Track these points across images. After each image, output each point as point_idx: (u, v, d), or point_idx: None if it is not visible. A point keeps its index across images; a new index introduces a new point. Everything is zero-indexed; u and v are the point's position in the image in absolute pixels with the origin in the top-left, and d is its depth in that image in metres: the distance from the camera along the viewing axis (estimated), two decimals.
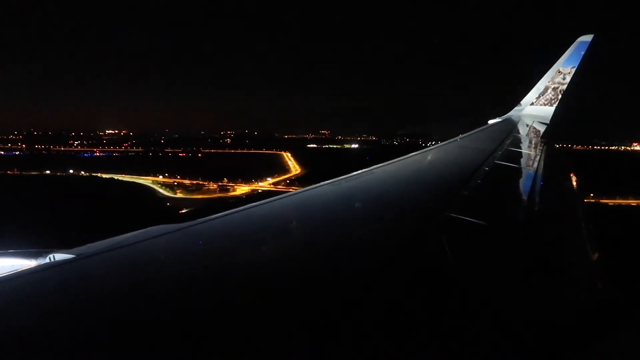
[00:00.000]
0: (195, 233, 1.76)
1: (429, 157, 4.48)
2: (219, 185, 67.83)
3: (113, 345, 0.98)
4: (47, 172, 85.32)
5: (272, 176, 74.59)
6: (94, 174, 79.90)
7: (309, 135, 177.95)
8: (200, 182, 70.25)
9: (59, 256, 1.53)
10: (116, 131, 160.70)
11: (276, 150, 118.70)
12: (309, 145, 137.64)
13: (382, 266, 1.54)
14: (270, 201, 2.26)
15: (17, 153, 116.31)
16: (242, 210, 2.05)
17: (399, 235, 1.96)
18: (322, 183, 2.77)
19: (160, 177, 76.54)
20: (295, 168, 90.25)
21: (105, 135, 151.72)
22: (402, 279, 1.48)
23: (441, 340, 1.16)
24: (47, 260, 1.55)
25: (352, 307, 1.23)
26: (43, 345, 0.97)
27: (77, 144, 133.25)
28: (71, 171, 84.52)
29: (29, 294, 1.20)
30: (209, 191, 66.26)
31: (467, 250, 1.95)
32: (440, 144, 5.34)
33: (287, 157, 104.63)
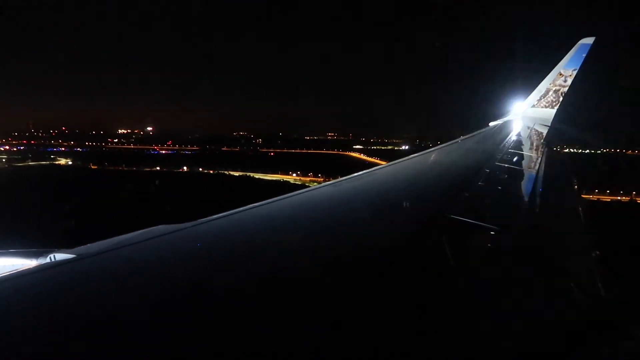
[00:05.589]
0: (197, 233, 1.78)
1: (430, 159, 4.62)
2: None
3: (114, 345, 0.97)
4: (159, 168, 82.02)
5: None
6: (222, 172, 78.63)
7: (326, 135, 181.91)
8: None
9: (60, 256, 1.54)
10: (129, 130, 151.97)
11: (338, 151, 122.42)
12: (354, 147, 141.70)
13: (382, 267, 1.55)
14: (272, 201, 2.31)
15: (79, 149, 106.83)
16: (243, 210, 2.09)
17: (400, 236, 1.95)
18: (323, 184, 2.93)
19: (293, 175, 77.92)
20: None
21: (132, 134, 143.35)
22: (403, 280, 1.49)
23: (441, 342, 1.17)
24: (47, 260, 1.56)
25: (353, 308, 1.23)
26: (44, 346, 0.96)
27: (116, 141, 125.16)
28: (200, 169, 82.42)
29: (28, 294, 1.20)
30: None
31: (468, 251, 1.97)
32: (441, 145, 5.37)
33: (362, 156, 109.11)
